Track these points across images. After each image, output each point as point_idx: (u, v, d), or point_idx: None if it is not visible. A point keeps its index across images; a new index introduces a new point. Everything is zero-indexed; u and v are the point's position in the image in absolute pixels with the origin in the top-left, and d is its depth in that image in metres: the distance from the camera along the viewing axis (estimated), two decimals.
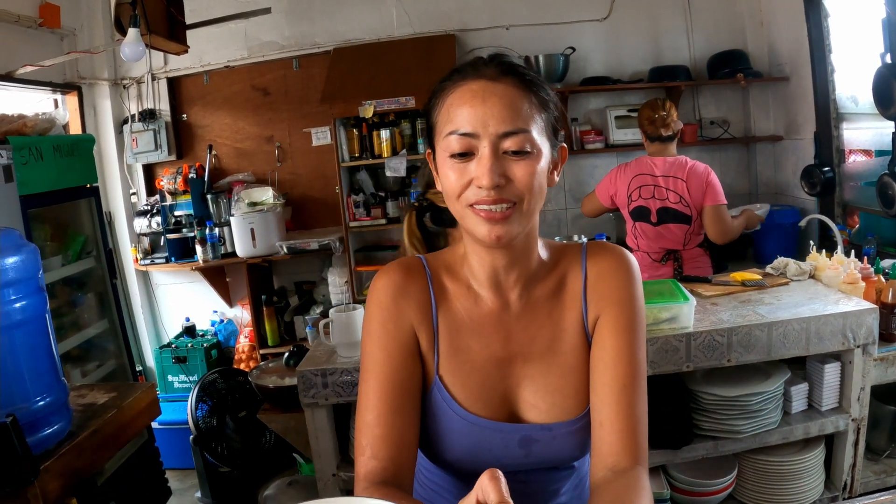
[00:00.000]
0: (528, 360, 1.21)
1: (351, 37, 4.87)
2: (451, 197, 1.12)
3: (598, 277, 1.22)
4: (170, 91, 5.10)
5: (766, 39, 4.74)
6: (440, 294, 1.24)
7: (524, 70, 1.13)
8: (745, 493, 2.64)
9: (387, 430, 1.15)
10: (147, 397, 1.96)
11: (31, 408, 1.61)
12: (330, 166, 4.74)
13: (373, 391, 1.18)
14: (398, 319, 1.21)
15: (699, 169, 3.43)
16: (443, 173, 1.13)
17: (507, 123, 1.06)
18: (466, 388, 1.20)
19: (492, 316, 1.22)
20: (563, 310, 1.23)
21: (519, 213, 1.09)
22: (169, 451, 4.09)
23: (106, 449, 1.77)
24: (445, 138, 1.10)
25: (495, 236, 1.08)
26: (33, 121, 3.38)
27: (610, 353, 1.18)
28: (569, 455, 1.23)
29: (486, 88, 1.08)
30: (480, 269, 1.21)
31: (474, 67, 1.12)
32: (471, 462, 1.21)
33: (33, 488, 1.47)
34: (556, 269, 1.25)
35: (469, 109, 1.07)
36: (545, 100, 1.14)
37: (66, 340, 3.59)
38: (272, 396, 2.93)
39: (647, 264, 3.53)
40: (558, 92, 4.51)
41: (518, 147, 1.07)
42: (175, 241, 4.88)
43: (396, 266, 1.26)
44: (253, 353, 4.87)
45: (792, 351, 2.46)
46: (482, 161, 1.06)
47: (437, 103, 1.14)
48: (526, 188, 1.08)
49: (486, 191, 1.06)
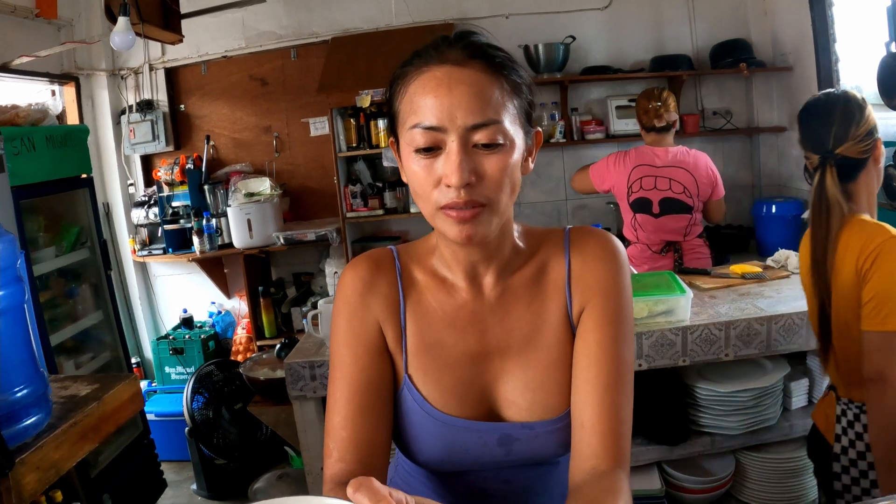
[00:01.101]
0: (506, 355, 1.14)
1: (349, 26, 4.83)
2: (420, 197, 1.05)
3: (583, 266, 1.14)
4: (167, 81, 5.06)
5: (769, 29, 4.68)
6: (410, 287, 1.17)
7: (493, 51, 1.04)
8: (743, 491, 2.61)
9: (353, 432, 1.09)
10: (130, 389, 1.91)
11: (8, 399, 1.58)
12: (328, 157, 4.70)
13: (339, 392, 1.13)
14: (364, 316, 1.15)
15: (702, 162, 3.42)
16: (408, 169, 1.04)
17: (476, 115, 0.98)
18: (440, 386, 1.14)
19: (466, 308, 1.15)
20: (544, 300, 1.15)
21: (490, 211, 1.02)
22: (165, 443, 4.10)
23: (86, 441, 1.72)
24: (409, 131, 1.01)
25: (466, 236, 1.01)
26: (26, 111, 3.35)
27: (594, 350, 1.10)
28: (552, 453, 1.16)
29: (452, 75, 0.99)
30: (454, 261, 1.14)
31: (438, 50, 1.03)
32: (449, 463, 1.16)
33: (7, 480, 1.44)
34: (535, 256, 1.17)
35: (434, 100, 0.98)
36: (517, 83, 1.05)
37: (60, 332, 3.56)
38: (264, 389, 2.90)
39: (647, 256, 3.49)
40: (558, 81, 4.54)
41: (489, 140, 0.99)
42: (172, 232, 4.86)
43: (364, 259, 1.20)
44: (250, 345, 4.85)
45: (791, 346, 2.43)
46: (450, 157, 0.98)
47: (399, 91, 1.05)
48: (498, 185, 1.00)
49: (455, 191, 0.98)
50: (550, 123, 4.68)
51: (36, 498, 1.67)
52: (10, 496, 1.44)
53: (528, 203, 4.94)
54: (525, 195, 4.95)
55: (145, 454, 3.89)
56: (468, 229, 1.01)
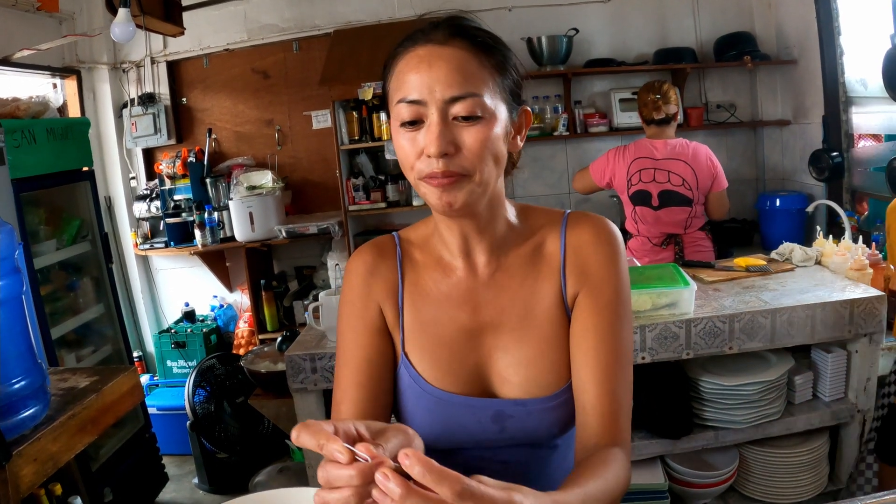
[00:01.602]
0: (500, 331, 1.17)
1: (351, 18, 4.81)
2: (405, 167, 1.08)
3: (578, 251, 1.17)
4: (169, 75, 5.05)
5: (773, 21, 4.66)
6: (409, 269, 1.22)
7: (476, 31, 1.08)
8: (746, 486, 2.60)
9: (351, 405, 1.15)
10: (129, 381, 1.90)
11: (5, 390, 1.57)
12: (330, 150, 4.69)
13: (342, 370, 1.18)
14: (366, 298, 1.21)
15: (702, 153, 3.40)
16: (395, 143, 1.09)
17: (454, 88, 1.02)
18: (435, 363, 1.18)
19: (460, 286, 1.19)
20: (538, 279, 1.18)
21: (470, 181, 1.05)
22: (167, 436, 4.10)
23: (85, 434, 1.71)
24: (395, 106, 1.06)
25: (446, 202, 1.05)
26: (26, 104, 3.34)
27: (591, 334, 1.13)
28: (547, 432, 1.17)
29: (433, 52, 1.04)
30: (450, 237, 1.18)
31: (423, 32, 1.07)
32: (445, 440, 1.19)
33: (3, 472, 1.42)
34: (532, 236, 1.20)
35: (415, 75, 1.03)
36: (501, 62, 1.09)
37: (61, 325, 3.56)
38: (265, 382, 2.89)
39: (648, 249, 3.49)
40: (561, 74, 4.52)
41: (468, 112, 1.02)
42: (174, 226, 4.85)
43: (368, 246, 1.26)
44: (252, 339, 4.84)
45: (796, 339, 2.41)
46: (430, 129, 1.02)
47: (390, 71, 1.10)
48: (476, 156, 1.03)
49: (435, 160, 1.02)
50: (554, 116, 4.67)
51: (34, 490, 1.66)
52: (6, 488, 1.43)
53: (532, 196, 4.92)
54: (528, 188, 4.93)
55: (147, 448, 3.89)
56: (448, 196, 1.04)
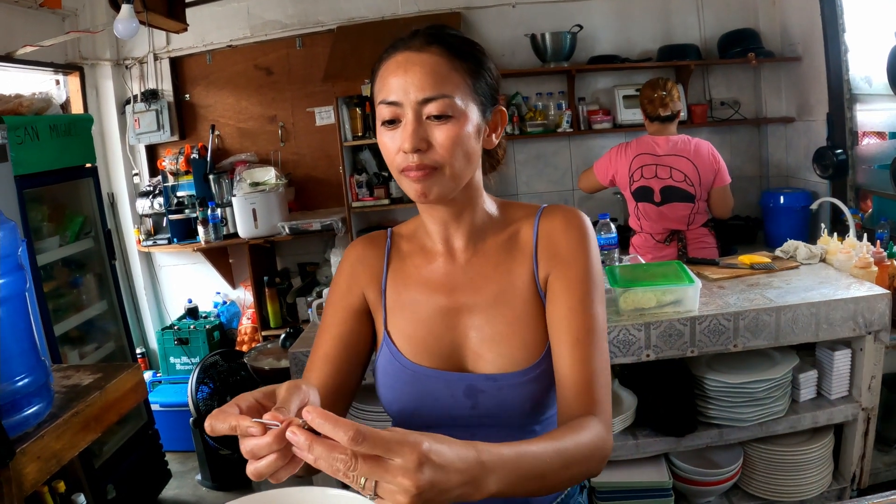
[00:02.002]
0: (474, 311, 1.26)
1: (354, 15, 4.80)
2: (388, 163, 1.20)
3: (548, 236, 1.27)
4: (172, 71, 5.04)
5: (778, 18, 4.64)
6: (395, 257, 1.34)
7: (453, 39, 1.19)
8: (751, 484, 2.60)
9: (319, 375, 1.26)
10: (132, 378, 1.90)
11: (8, 388, 1.56)
12: (333, 146, 4.70)
13: (316, 342, 1.31)
14: (350, 283, 1.33)
15: (704, 149, 3.40)
16: (379, 140, 1.20)
17: (426, 90, 1.13)
18: (412, 340, 1.28)
19: (439, 270, 1.30)
20: (512, 263, 1.28)
21: (442, 174, 1.16)
22: (170, 433, 4.09)
23: (88, 431, 1.71)
24: (378, 107, 1.18)
25: (421, 192, 1.16)
26: (29, 100, 3.34)
27: (562, 310, 1.21)
28: (518, 409, 1.23)
29: (410, 58, 1.15)
30: (432, 224, 1.29)
31: (404, 40, 1.19)
32: (421, 415, 1.26)
33: (7, 470, 1.42)
34: (508, 225, 1.31)
35: (393, 79, 1.15)
36: (475, 66, 1.19)
37: (64, 321, 3.56)
38: (268, 378, 2.89)
39: (651, 245, 3.49)
40: (565, 71, 4.51)
41: (439, 112, 1.13)
42: (177, 222, 4.84)
43: (361, 238, 1.39)
44: (255, 335, 4.84)
45: (801, 337, 2.41)
46: (405, 127, 1.14)
47: (375, 76, 1.21)
48: (447, 151, 1.14)
49: (409, 155, 1.13)
50: (557, 113, 4.66)
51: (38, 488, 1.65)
52: (10, 487, 1.42)
53: (535, 193, 4.91)
54: (532, 185, 4.93)
55: (150, 444, 3.89)
56: (423, 188, 1.16)
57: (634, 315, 2.40)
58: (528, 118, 4.66)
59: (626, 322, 2.36)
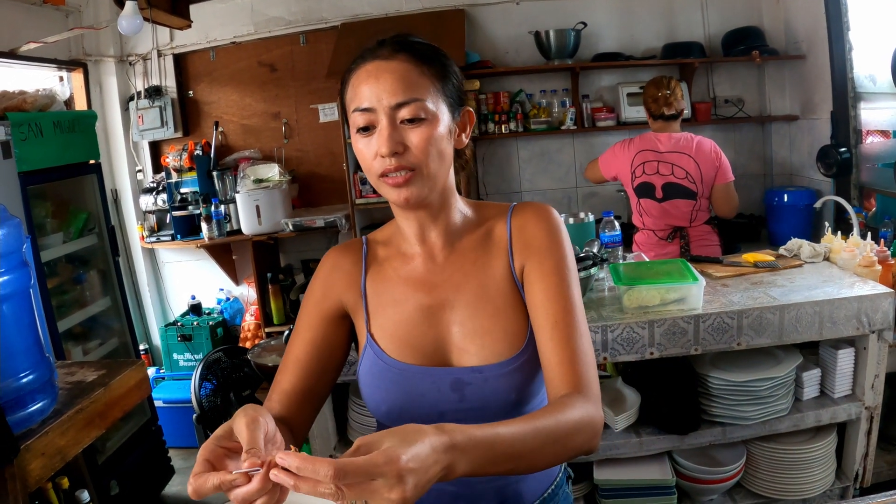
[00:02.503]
0: (455, 307, 1.29)
1: (359, 11, 4.79)
2: (365, 169, 1.23)
3: (521, 230, 1.31)
4: (176, 67, 5.04)
5: (782, 16, 4.63)
6: (372, 263, 1.37)
7: (420, 46, 1.24)
8: (754, 482, 2.59)
9: (290, 378, 1.28)
10: (137, 375, 1.91)
11: (13, 385, 1.57)
12: (337, 143, 4.70)
13: (289, 346, 1.33)
14: (326, 290, 1.35)
15: (706, 146, 3.40)
16: (355, 148, 1.24)
17: (398, 95, 1.17)
18: (396, 339, 1.30)
19: (418, 269, 1.33)
20: (489, 259, 1.32)
21: (421, 176, 1.20)
22: (173, 429, 4.10)
23: (92, 427, 1.72)
24: (352, 115, 1.21)
25: (404, 198, 1.20)
26: (33, 97, 3.34)
27: (539, 297, 1.25)
28: (504, 398, 1.26)
29: (380, 66, 1.19)
30: (408, 228, 1.32)
31: (372, 50, 1.23)
32: (409, 413, 1.28)
33: (11, 467, 1.43)
34: (482, 224, 1.35)
35: (365, 87, 1.19)
36: (441, 70, 1.24)
37: (67, 318, 3.57)
38: (272, 375, 2.89)
39: (654, 242, 3.49)
40: (569, 68, 4.51)
41: (412, 115, 1.17)
42: (181, 219, 4.85)
43: (338, 247, 1.41)
44: (258, 332, 4.85)
45: (804, 335, 2.40)
46: (381, 132, 1.17)
47: (346, 85, 1.25)
48: (422, 152, 1.18)
49: (387, 159, 1.17)
50: (561, 110, 4.66)
51: (42, 485, 1.66)
52: (14, 483, 1.43)
53: (539, 190, 4.91)
54: (535, 182, 4.93)
55: (153, 441, 3.90)
56: (405, 192, 1.20)
57: (638, 313, 2.40)
58: (532, 115, 4.66)
59: (630, 320, 2.36)
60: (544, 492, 1.36)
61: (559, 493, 1.39)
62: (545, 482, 1.36)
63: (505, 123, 4.62)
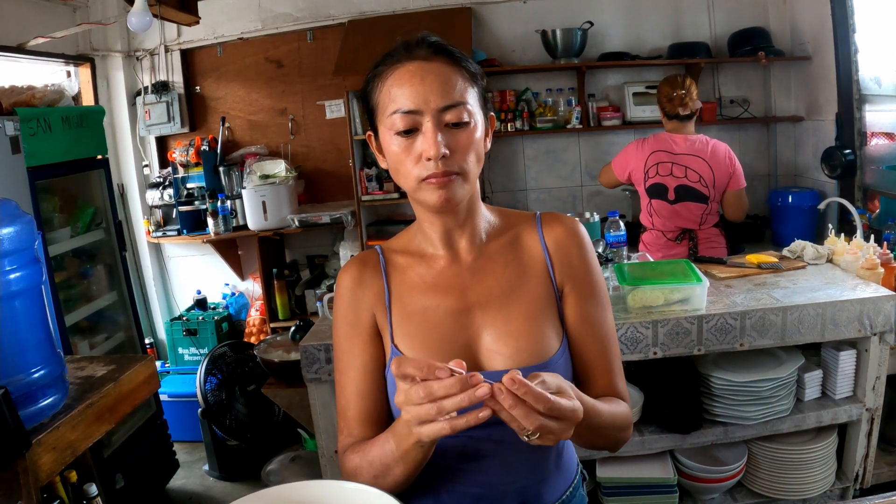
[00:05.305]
0: (487, 309, 1.28)
1: (366, 8, 4.81)
2: (399, 173, 1.22)
3: (558, 246, 1.33)
4: (183, 63, 5.06)
5: (788, 17, 4.63)
6: (393, 272, 1.34)
7: (452, 49, 1.23)
8: (755, 481, 2.61)
9: (356, 410, 1.30)
10: (146, 370, 1.92)
11: (25, 380, 1.58)
12: (343, 139, 4.72)
13: (343, 377, 1.32)
14: (357, 308, 1.32)
15: (721, 151, 3.39)
16: (389, 151, 1.22)
17: (446, 98, 1.16)
18: (424, 346, 1.27)
19: (445, 273, 1.31)
20: (521, 266, 1.32)
21: (463, 179, 1.20)
22: (178, 423, 4.12)
23: (102, 422, 1.73)
24: (389, 117, 1.19)
25: (444, 199, 1.19)
26: (42, 92, 3.35)
27: (584, 319, 1.31)
28: None
29: (423, 67, 1.18)
30: (434, 232, 1.31)
31: (407, 50, 1.21)
32: None
33: (23, 461, 1.44)
34: (508, 230, 1.36)
35: (409, 88, 1.17)
36: (474, 74, 1.24)
37: (74, 312, 3.58)
38: (278, 371, 2.91)
39: (662, 243, 3.48)
40: (575, 67, 4.52)
41: (458, 119, 1.17)
42: (187, 214, 4.87)
43: (353, 261, 1.38)
44: (264, 327, 4.87)
45: (807, 337, 2.42)
46: (427, 135, 1.16)
47: (377, 86, 1.23)
48: (466, 156, 1.19)
49: (434, 163, 1.16)
50: (567, 109, 4.67)
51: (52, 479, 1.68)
52: (26, 477, 1.45)
53: (545, 188, 4.93)
54: (541, 180, 4.94)
55: (158, 434, 3.92)
56: (446, 194, 1.19)
57: (642, 313, 2.42)
58: (538, 114, 4.67)
59: (633, 320, 2.38)
60: (563, 493, 1.35)
61: (576, 495, 1.39)
62: (564, 484, 1.36)
63: (511, 122, 4.63)
